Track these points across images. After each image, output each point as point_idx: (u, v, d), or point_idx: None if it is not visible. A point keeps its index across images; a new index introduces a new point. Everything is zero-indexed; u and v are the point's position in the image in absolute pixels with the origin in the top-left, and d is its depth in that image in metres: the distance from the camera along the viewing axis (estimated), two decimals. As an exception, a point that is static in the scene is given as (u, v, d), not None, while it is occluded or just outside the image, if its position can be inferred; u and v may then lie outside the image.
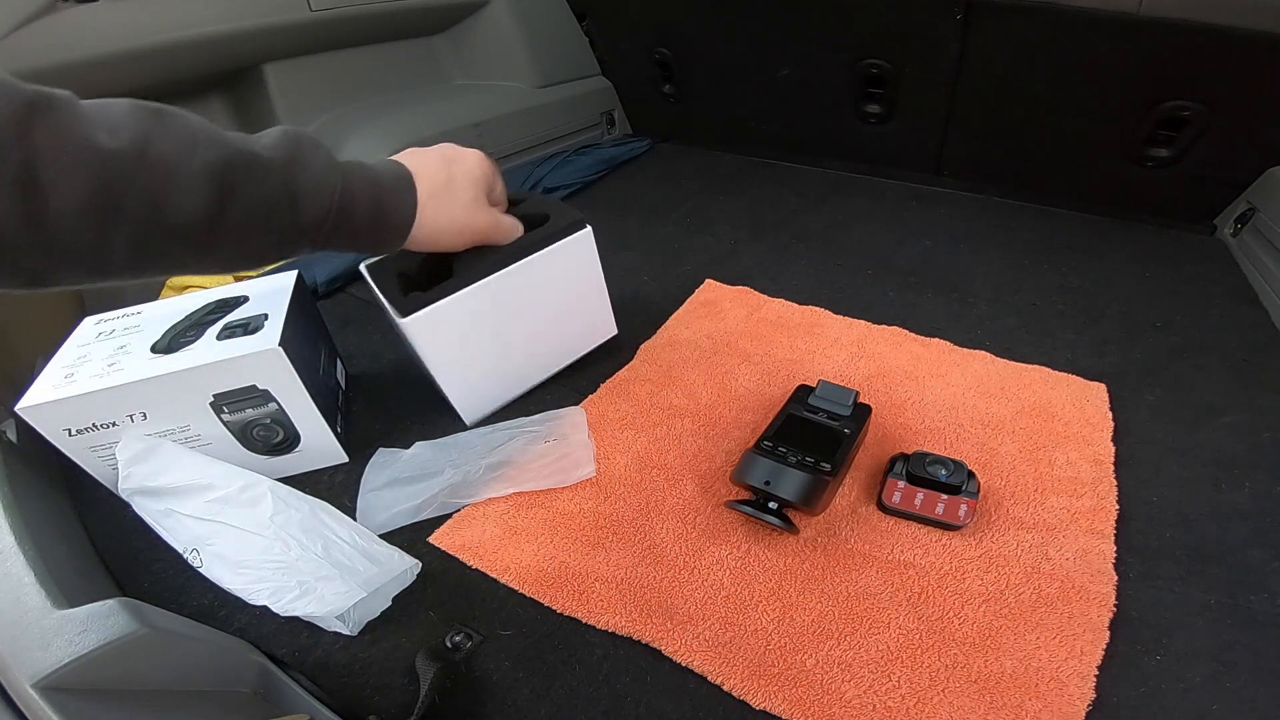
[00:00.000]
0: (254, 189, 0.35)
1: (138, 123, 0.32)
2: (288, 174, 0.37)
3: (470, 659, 0.42)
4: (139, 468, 0.46)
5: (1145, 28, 0.73)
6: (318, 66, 0.96)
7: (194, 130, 0.34)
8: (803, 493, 0.46)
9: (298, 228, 0.38)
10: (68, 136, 0.30)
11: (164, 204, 0.33)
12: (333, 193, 0.39)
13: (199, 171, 0.33)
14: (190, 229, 0.34)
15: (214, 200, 0.34)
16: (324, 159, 0.39)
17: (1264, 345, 0.67)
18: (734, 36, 1.02)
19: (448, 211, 0.45)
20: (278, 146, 0.37)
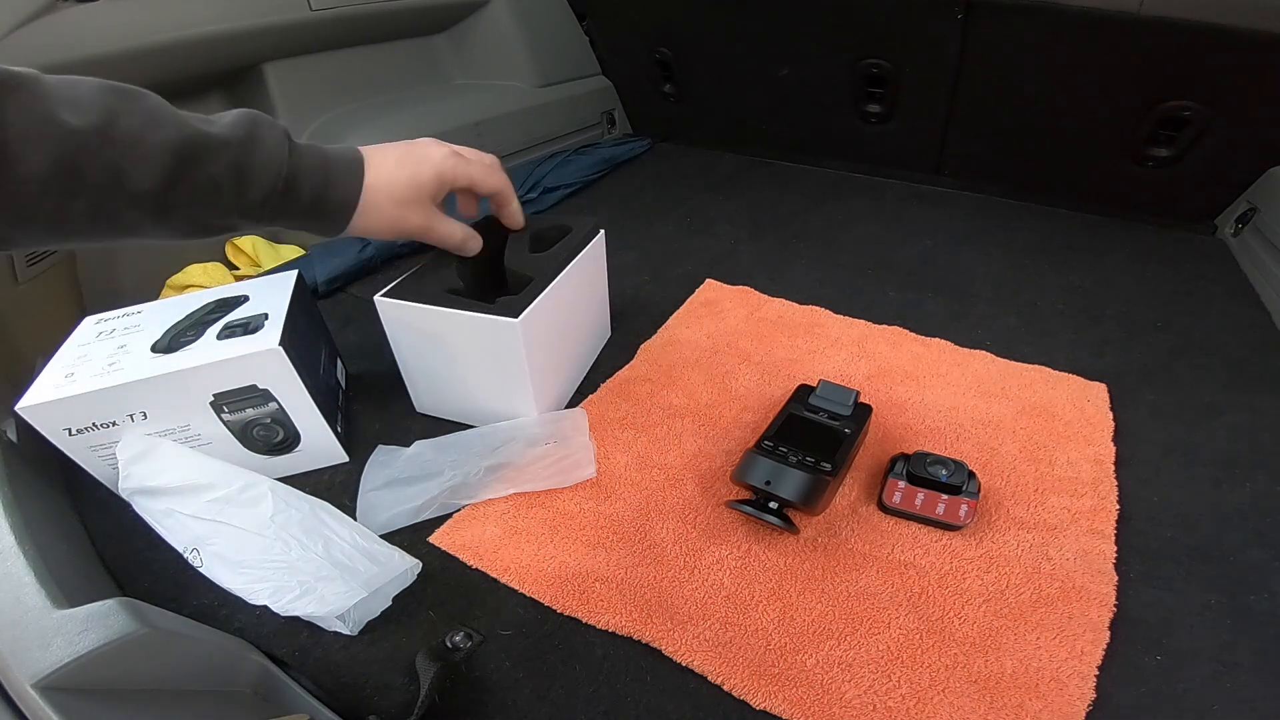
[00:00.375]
0: (207, 166, 0.39)
1: (104, 101, 0.36)
2: (238, 153, 0.40)
3: (470, 659, 0.42)
4: (139, 467, 0.46)
5: (1146, 27, 0.73)
6: (318, 66, 0.96)
7: (156, 110, 0.38)
8: (803, 492, 0.46)
9: (244, 203, 0.41)
10: (35, 113, 0.33)
11: (123, 176, 0.36)
12: (279, 172, 0.41)
13: (158, 146, 0.37)
14: (145, 199, 0.37)
15: (169, 174, 0.37)
16: (275, 140, 0.42)
17: (1264, 345, 0.67)
18: (734, 36, 1.02)
19: (385, 205, 0.46)
20: (234, 126, 0.40)
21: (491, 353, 0.53)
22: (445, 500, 0.51)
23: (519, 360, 0.52)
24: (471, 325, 0.51)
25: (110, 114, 0.36)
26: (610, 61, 1.23)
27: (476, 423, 0.58)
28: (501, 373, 0.54)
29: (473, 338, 0.52)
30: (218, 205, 0.40)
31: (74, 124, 0.34)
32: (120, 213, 0.37)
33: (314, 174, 0.43)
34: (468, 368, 0.55)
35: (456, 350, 0.54)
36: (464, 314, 0.51)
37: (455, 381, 0.56)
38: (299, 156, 0.42)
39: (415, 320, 0.53)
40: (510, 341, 0.51)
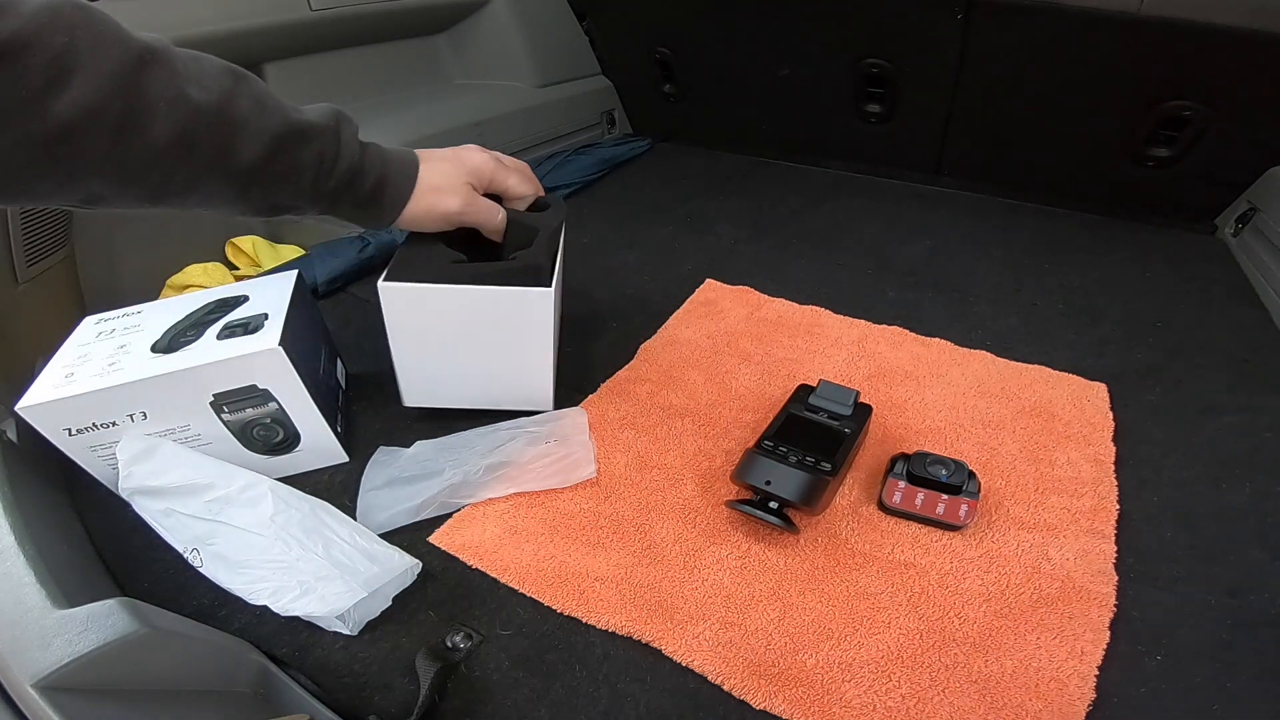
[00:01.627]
0: (299, 151, 0.42)
1: (223, 82, 0.39)
2: (326, 142, 0.44)
3: (470, 659, 0.42)
4: (139, 467, 0.46)
5: (1146, 27, 0.73)
6: (318, 66, 0.96)
7: (263, 94, 0.41)
8: (803, 492, 0.46)
9: (319, 188, 0.44)
10: (167, 87, 0.36)
11: (228, 153, 0.39)
12: (352, 163, 0.45)
13: (264, 129, 0.40)
14: (241, 174, 0.40)
15: (267, 155, 0.41)
16: (353, 133, 0.46)
17: (1264, 345, 0.67)
18: (734, 36, 1.02)
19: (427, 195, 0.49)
20: (324, 117, 0.44)
21: (513, 327, 0.53)
22: (445, 500, 0.51)
23: (544, 332, 0.53)
24: (495, 300, 0.50)
25: (228, 94, 0.39)
26: (610, 61, 1.23)
27: (482, 406, 0.58)
28: (521, 348, 0.54)
29: (494, 312, 0.51)
30: (296, 186, 0.43)
31: (199, 100, 0.37)
32: (212, 185, 0.40)
33: (376, 168, 0.47)
34: (483, 346, 0.54)
35: (473, 328, 0.53)
36: (489, 289, 0.50)
37: (465, 364, 0.55)
38: (367, 151, 0.46)
39: (427, 302, 0.51)
40: (539, 313, 0.52)
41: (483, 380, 0.57)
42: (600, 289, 0.79)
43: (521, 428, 0.57)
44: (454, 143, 0.52)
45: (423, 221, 0.50)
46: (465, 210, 0.51)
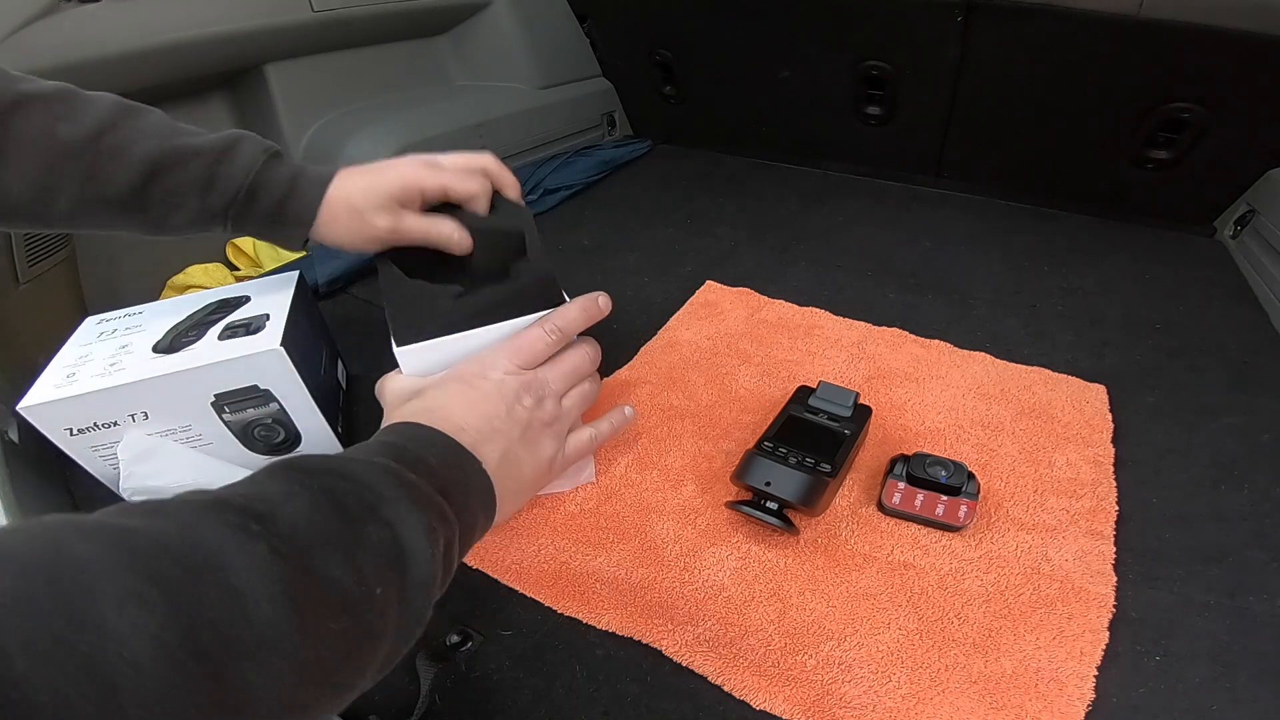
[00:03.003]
0: (176, 173, 0.43)
1: (103, 117, 0.42)
2: (208, 163, 0.44)
3: (471, 659, 0.42)
4: (140, 467, 0.46)
5: (1145, 30, 0.73)
6: (320, 67, 0.96)
7: (150, 125, 0.43)
8: (803, 493, 0.46)
9: (208, 208, 0.45)
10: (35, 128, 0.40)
11: (98, 181, 0.42)
12: (242, 183, 0.45)
13: (137, 157, 0.42)
14: (118, 200, 0.43)
15: (143, 179, 0.42)
16: (250, 155, 0.45)
17: (1263, 347, 0.67)
18: (735, 38, 1.02)
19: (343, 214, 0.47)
20: (216, 140, 0.45)
21: None
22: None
23: None
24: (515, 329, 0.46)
25: (104, 128, 0.42)
26: (611, 63, 1.23)
27: None
28: None
29: None
30: (183, 209, 0.44)
31: (66, 136, 0.40)
32: (95, 210, 0.43)
33: (279, 186, 0.46)
34: None
35: None
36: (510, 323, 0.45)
37: None
38: (270, 171, 0.46)
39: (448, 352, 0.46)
40: None
41: None
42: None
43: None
44: (454, 144, 0.51)
45: (351, 242, 0.48)
46: (397, 230, 0.47)
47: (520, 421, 0.41)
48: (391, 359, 0.46)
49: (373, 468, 0.31)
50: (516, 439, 0.40)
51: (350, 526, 0.27)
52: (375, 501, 0.29)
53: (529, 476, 0.41)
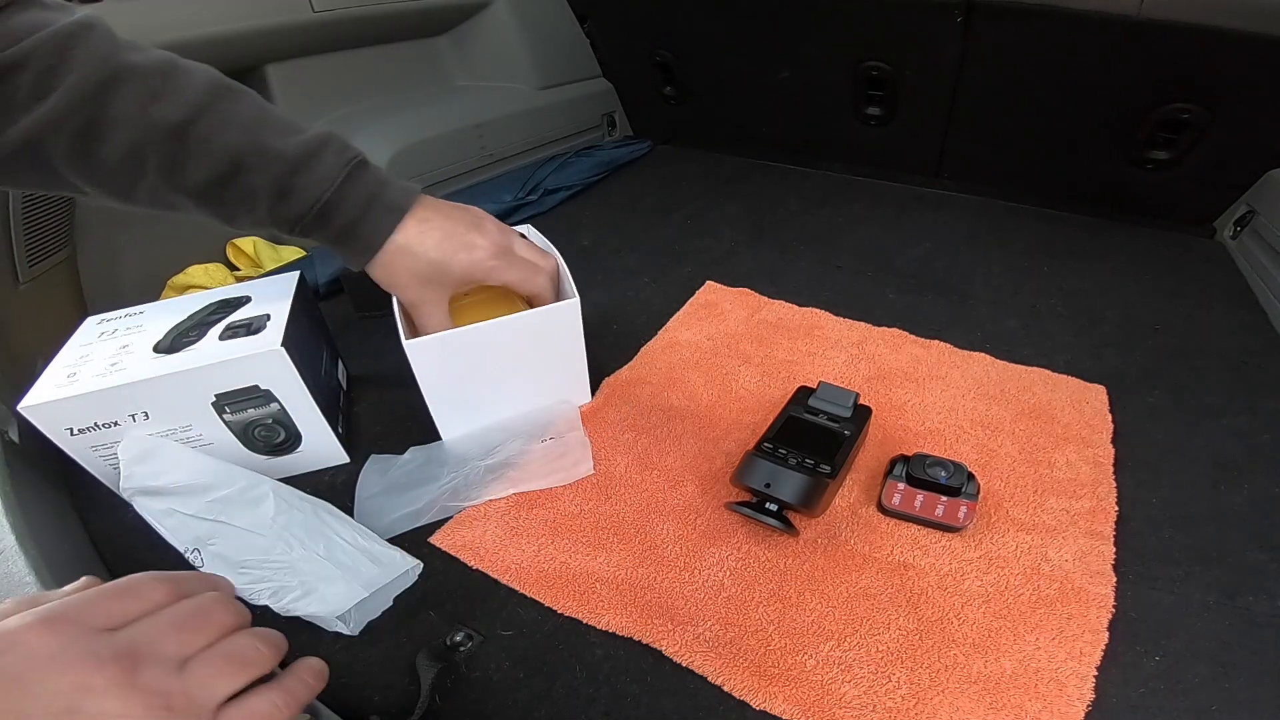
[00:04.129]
0: (254, 176, 0.42)
1: (198, 99, 0.40)
2: (286, 170, 0.42)
3: (471, 659, 0.42)
4: (141, 467, 0.46)
5: (1145, 30, 0.73)
6: (320, 67, 0.96)
7: (241, 113, 0.42)
8: (802, 494, 0.46)
9: (279, 216, 0.43)
10: (129, 104, 0.39)
11: (178, 169, 0.40)
12: (319, 197, 0.43)
13: (221, 150, 0.41)
14: (193, 191, 0.42)
15: (220, 176, 0.41)
16: (331, 166, 0.43)
17: (1263, 348, 0.67)
18: (735, 39, 1.02)
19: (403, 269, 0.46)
20: (300, 144, 0.43)
21: (549, 342, 0.54)
22: (445, 503, 0.51)
23: (576, 338, 0.54)
24: (527, 323, 0.52)
25: (197, 111, 0.40)
26: (611, 64, 1.23)
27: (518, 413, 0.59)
28: (558, 359, 0.56)
29: (527, 334, 0.52)
30: (255, 211, 0.43)
31: (158, 117, 0.39)
32: (174, 197, 0.42)
33: (354, 207, 0.44)
34: (520, 367, 0.55)
35: (508, 354, 0.53)
36: (519, 316, 0.51)
37: (502, 387, 0.56)
38: (350, 187, 0.44)
39: (458, 346, 0.51)
40: (570, 322, 0.53)
41: (520, 395, 0.57)
42: (600, 291, 0.79)
43: (514, 427, 0.57)
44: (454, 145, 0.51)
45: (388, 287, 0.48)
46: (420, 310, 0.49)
47: None
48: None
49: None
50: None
51: None
52: None
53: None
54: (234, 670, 0.27)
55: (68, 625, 0.24)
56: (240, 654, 0.27)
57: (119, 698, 0.23)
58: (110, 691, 0.23)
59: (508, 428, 0.57)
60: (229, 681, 0.26)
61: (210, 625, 0.28)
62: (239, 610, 0.30)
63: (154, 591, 0.28)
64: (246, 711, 0.26)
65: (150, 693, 0.24)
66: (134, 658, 0.24)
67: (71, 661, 0.23)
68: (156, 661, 0.25)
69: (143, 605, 0.27)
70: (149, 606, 0.27)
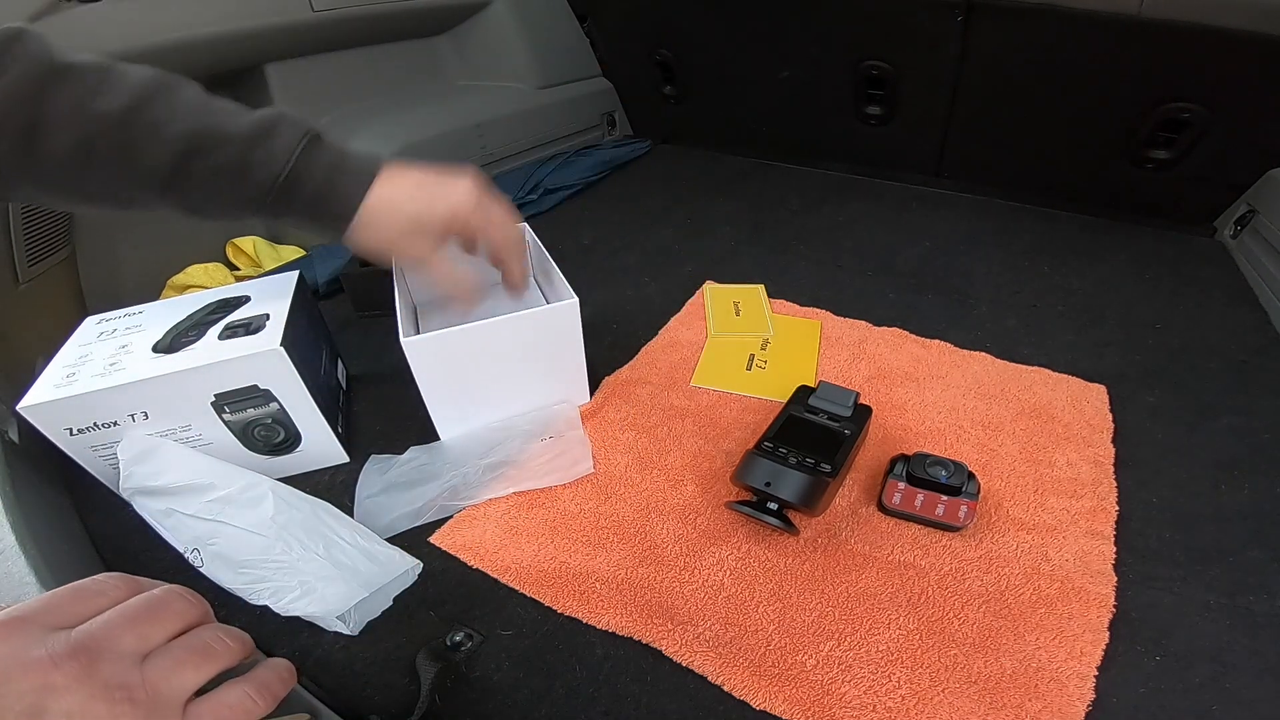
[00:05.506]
0: (213, 156, 0.41)
1: (140, 91, 0.40)
2: (244, 147, 0.42)
3: (471, 659, 0.42)
4: (140, 467, 0.46)
5: (1146, 29, 0.73)
6: (319, 67, 0.96)
7: (187, 100, 0.41)
8: (803, 494, 0.46)
9: (243, 195, 0.43)
10: (71, 101, 0.38)
11: (133, 157, 0.40)
12: (279, 170, 0.42)
13: (175, 134, 0.40)
14: (152, 178, 0.41)
15: (177, 160, 0.40)
16: (289, 139, 0.43)
17: (1263, 347, 0.67)
18: (735, 38, 1.02)
19: (384, 226, 0.45)
20: (253, 123, 0.42)
21: (547, 341, 0.54)
22: (445, 502, 0.51)
23: (575, 338, 0.54)
24: (525, 322, 0.51)
25: (141, 101, 0.40)
26: (611, 63, 1.23)
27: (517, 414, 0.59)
28: (557, 359, 0.55)
29: (526, 333, 0.52)
30: (220, 194, 0.42)
31: (101, 109, 0.39)
32: (129, 190, 0.41)
33: (319, 175, 0.43)
34: (519, 366, 0.55)
35: (506, 353, 0.53)
36: (516, 315, 0.51)
37: (500, 387, 0.56)
38: (311, 157, 0.43)
39: (456, 344, 0.51)
40: (569, 323, 0.53)
41: (519, 395, 0.57)
42: (601, 290, 0.79)
43: (514, 426, 0.57)
44: (453, 144, 0.51)
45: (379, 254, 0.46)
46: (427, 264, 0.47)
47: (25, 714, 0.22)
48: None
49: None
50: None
51: None
52: None
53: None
54: (197, 662, 0.27)
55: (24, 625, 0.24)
56: (203, 646, 0.27)
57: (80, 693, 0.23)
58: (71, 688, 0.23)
59: (507, 427, 0.57)
60: (193, 674, 0.26)
61: (169, 617, 0.27)
62: (199, 603, 0.29)
63: (112, 590, 0.27)
64: (216, 703, 0.26)
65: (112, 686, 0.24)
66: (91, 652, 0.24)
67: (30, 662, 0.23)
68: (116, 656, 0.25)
69: (100, 603, 0.26)
70: (107, 604, 0.26)
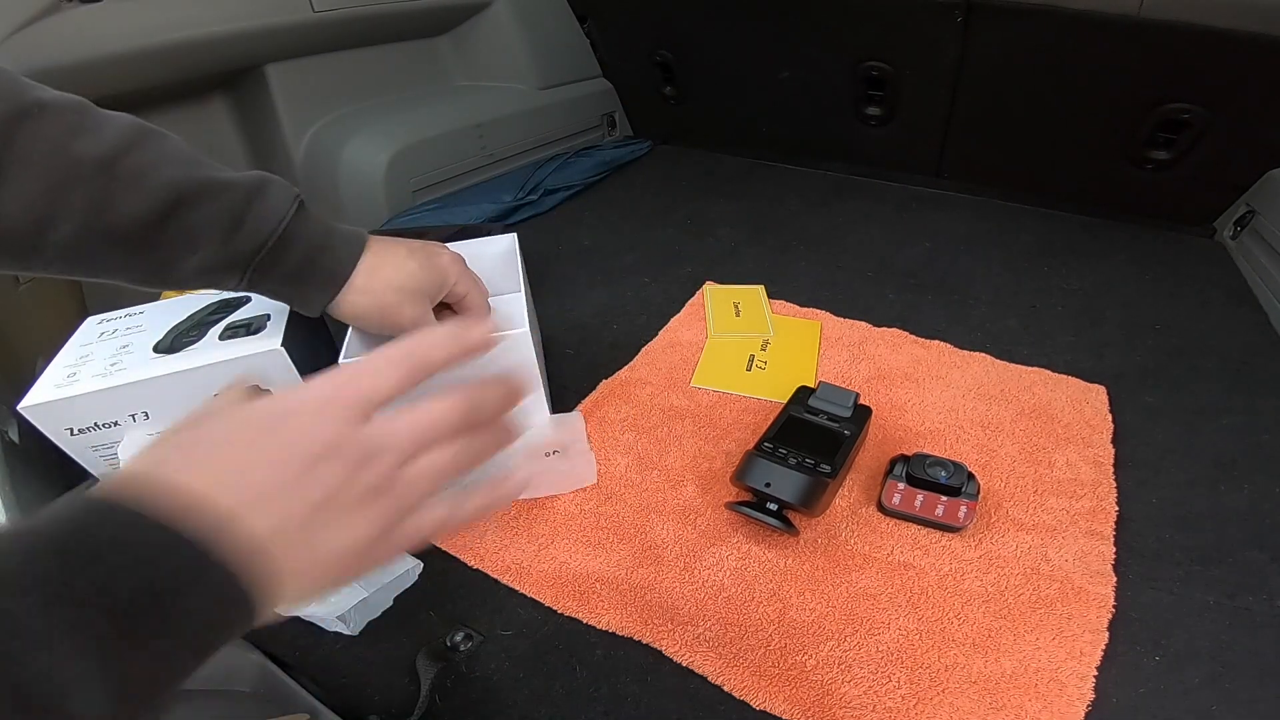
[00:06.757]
0: (205, 205, 0.38)
1: (122, 136, 0.36)
2: (240, 199, 0.39)
3: (471, 659, 0.42)
4: (141, 467, 0.46)
5: (1145, 30, 0.73)
6: (320, 67, 0.96)
7: (172, 150, 0.38)
8: (802, 494, 0.46)
9: (233, 250, 0.39)
10: (46, 142, 0.34)
11: (109, 205, 0.36)
12: (274, 228, 0.40)
13: (162, 182, 0.37)
14: (128, 232, 0.37)
15: (162, 209, 0.37)
16: (281, 198, 0.40)
17: (1263, 347, 0.67)
18: (735, 39, 1.02)
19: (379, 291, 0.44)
20: (246, 177, 0.40)
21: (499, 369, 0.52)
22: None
23: (531, 369, 0.52)
24: None
25: (123, 147, 0.36)
26: (611, 64, 1.23)
27: None
28: None
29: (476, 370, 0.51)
30: (201, 251, 0.39)
31: (81, 152, 0.35)
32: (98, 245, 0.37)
33: (312, 237, 0.42)
34: None
35: None
36: None
37: None
38: (303, 219, 0.41)
39: None
40: (522, 353, 0.51)
41: None
42: (601, 291, 0.80)
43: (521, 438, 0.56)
44: (455, 144, 0.51)
45: (370, 321, 0.45)
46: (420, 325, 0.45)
47: (320, 487, 0.28)
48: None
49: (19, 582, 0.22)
50: (306, 511, 0.28)
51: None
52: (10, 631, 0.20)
53: (325, 560, 0.29)
54: (440, 476, 0.30)
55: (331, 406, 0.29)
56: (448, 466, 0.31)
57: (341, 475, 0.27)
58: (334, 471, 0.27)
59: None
60: (432, 486, 0.30)
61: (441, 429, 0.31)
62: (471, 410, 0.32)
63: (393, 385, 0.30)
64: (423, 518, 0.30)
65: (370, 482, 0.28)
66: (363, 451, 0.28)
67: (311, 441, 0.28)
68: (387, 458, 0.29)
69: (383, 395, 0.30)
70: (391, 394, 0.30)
